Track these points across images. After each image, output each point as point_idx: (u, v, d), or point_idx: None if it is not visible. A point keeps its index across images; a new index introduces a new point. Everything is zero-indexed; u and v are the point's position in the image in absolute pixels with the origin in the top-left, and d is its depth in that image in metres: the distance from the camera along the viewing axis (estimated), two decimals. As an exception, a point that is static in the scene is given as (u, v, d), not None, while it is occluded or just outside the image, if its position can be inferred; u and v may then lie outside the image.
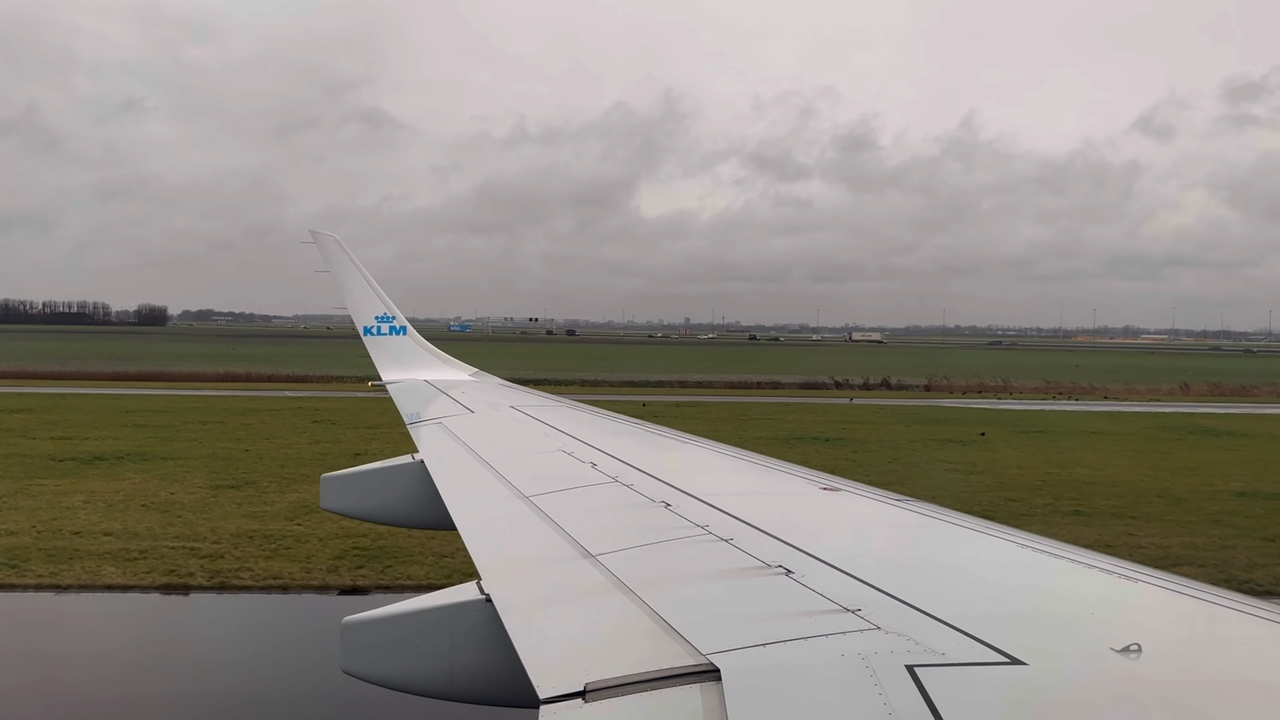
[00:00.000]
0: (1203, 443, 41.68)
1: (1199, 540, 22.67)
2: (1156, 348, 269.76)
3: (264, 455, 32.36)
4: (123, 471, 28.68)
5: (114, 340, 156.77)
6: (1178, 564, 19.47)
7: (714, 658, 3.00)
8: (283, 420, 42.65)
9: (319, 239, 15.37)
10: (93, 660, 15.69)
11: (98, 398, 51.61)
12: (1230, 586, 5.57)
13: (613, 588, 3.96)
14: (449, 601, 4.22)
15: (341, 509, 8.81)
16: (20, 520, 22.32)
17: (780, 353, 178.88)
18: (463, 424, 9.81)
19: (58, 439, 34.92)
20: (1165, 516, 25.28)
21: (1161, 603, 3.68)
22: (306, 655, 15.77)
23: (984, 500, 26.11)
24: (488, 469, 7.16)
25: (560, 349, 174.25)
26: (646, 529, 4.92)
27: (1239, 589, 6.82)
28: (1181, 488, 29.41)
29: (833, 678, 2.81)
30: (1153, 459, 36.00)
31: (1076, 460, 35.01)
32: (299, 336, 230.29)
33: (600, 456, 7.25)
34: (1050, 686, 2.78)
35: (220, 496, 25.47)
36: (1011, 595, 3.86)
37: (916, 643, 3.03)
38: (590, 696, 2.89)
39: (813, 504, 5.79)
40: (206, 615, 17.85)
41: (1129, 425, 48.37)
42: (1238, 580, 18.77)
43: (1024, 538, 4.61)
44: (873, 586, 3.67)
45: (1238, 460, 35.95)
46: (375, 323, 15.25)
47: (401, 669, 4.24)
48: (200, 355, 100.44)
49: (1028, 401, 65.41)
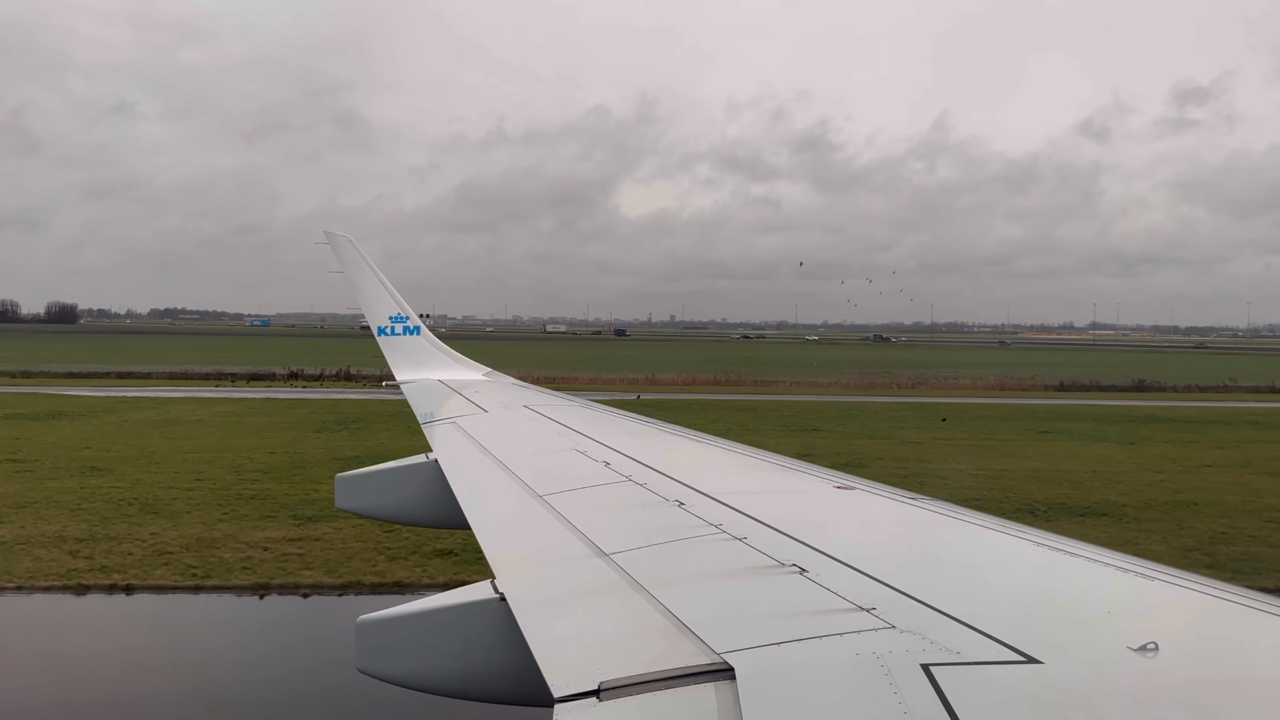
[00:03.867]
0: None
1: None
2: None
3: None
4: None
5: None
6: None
7: (728, 657, 2.99)
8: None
9: (333, 239, 15.38)
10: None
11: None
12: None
13: (626, 586, 3.96)
14: (463, 600, 4.23)
15: (356, 508, 8.84)
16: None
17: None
18: (476, 423, 9.84)
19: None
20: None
21: (1179, 601, 3.66)
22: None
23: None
24: (501, 468, 7.17)
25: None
26: (660, 528, 4.92)
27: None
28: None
29: (848, 677, 2.80)
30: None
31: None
32: (233, 334, 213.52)
33: (614, 455, 7.25)
34: (1067, 686, 2.76)
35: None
36: (1027, 594, 3.84)
37: (932, 642, 3.01)
38: (604, 695, 2.89)
39: (827, 503, 5.77)
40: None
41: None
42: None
43: (1040, 536, 4.59)
44: (887, 585, 3.66)
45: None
46: (389, 323, 15.28)
47: (416, 668, 4.25)
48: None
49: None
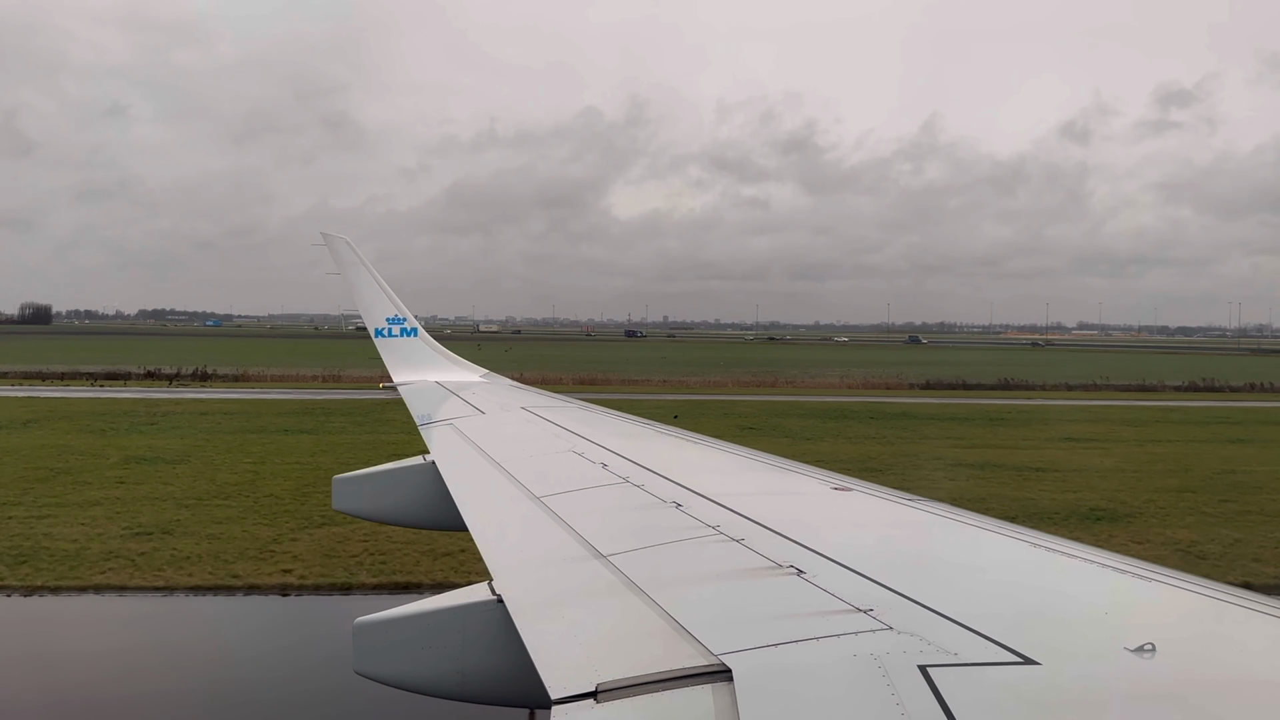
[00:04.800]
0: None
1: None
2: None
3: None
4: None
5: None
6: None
7: (725, 658, 3.00)
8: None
9: (330, 241, 15.36)
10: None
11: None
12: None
13: (624, 588, 3.96)
14: (460, 602, 4.23)
15: (353, 510, 8.83)
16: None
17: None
18: (474, 425, 9.84)
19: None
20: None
21: (1175, 602, 3.66)
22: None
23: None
24: (499, 470, 7.17)
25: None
26: (658, 529, 4.92)
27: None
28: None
29: (845, 678, 2.81)
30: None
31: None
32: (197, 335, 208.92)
33: (611, 457, 7.25)
34: (1064, 687, 2.76)
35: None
36: (1024, 595, 3.84)
37: (929, 643, 3.02)
38: (602, 697, 2.89)
39: (824, 504, 5.77)
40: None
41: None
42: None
43: (1037, 537, 4.60)
44: (885, 586, 3.66)
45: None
46: (386, 324, 15.27)
47: (413, 670, 4.24)
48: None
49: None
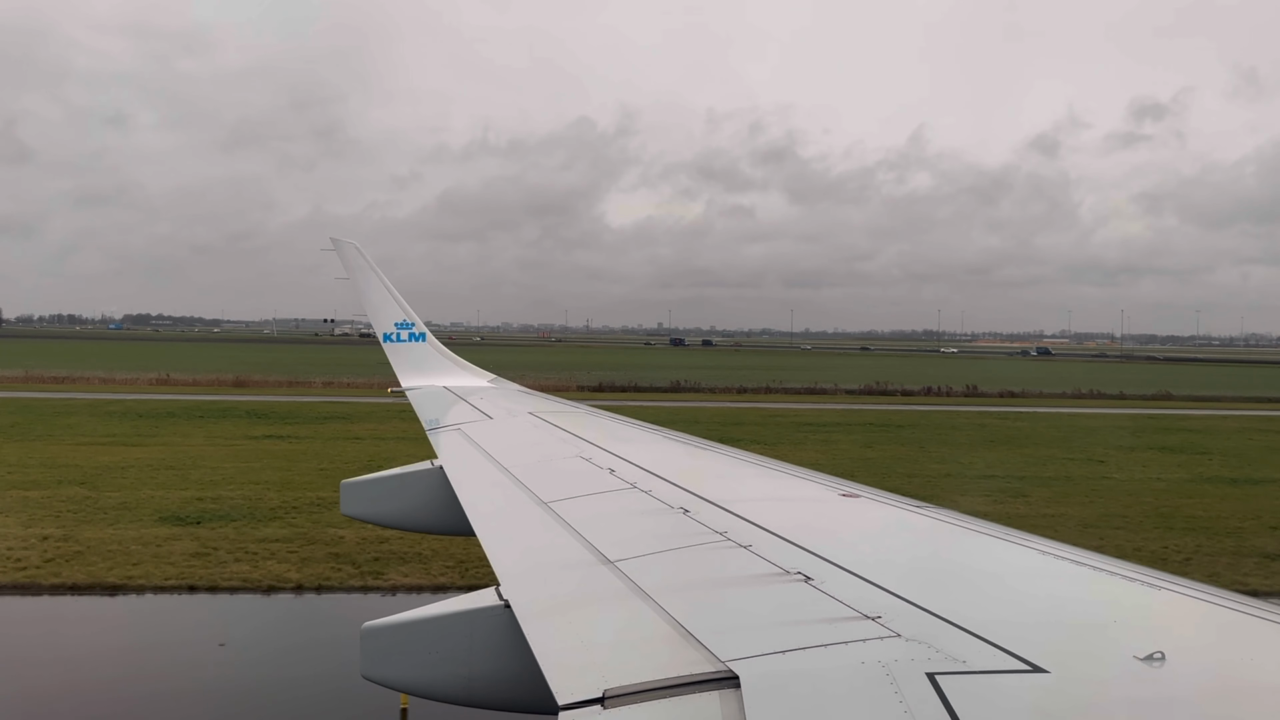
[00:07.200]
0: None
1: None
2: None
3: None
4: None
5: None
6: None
7: (733, 665, 2.99)
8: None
9: (339, 246, 15.40)
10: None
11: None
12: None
13: (631, 594, 3.95)
14: (468, 607, 4.23)
15: (361, 515, 8.85)
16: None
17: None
18: (481, 430, 9.84)
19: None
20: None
21: (1185, 610, 3.64)
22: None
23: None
24: (506, 475, 7.17)
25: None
26: (665, 535, 4.92)
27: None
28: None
29: (853, 685, 2.80)
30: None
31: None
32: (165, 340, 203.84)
33: (618, 463, 7.25)
34: (1073, 695, 2.75)
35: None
36: (1033, 602, 3.83)
37: (937, 650, 3.00)
38: (609, 703, 2.89)
39: (832, 510, 5.76)
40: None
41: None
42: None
43: (1045, 544, 4.58)
44: (893, 593, 3.65)
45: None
46: (395, 329, 15.30)
47: (420, 674, 4.25)
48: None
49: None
